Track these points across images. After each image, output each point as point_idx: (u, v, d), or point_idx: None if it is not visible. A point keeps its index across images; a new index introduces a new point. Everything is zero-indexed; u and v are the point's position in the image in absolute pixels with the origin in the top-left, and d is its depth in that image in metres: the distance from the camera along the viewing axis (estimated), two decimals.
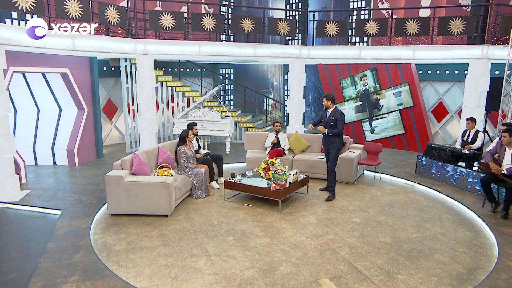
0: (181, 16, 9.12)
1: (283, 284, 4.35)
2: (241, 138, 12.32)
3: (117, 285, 4.21)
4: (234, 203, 6.94)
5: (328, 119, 7.03)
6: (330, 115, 7.02)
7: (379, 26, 9.54)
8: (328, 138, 7.08)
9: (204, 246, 5.24)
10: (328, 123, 7.01)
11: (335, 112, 7.01)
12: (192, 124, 7.91)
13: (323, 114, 7.20)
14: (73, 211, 6.33)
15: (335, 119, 6.95)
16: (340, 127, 6.94)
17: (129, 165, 6.50)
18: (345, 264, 4.81)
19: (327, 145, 7.15)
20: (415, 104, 10.94)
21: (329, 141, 7.10)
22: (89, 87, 9.52)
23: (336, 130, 6.96)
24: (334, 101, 7.13)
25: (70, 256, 4.83)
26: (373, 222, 6.20)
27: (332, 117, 6.99)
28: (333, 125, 6.96)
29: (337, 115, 6.96)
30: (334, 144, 7.08)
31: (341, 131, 6.97)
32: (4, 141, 6.66)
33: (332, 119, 6.98)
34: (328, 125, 7.00)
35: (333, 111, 7.03)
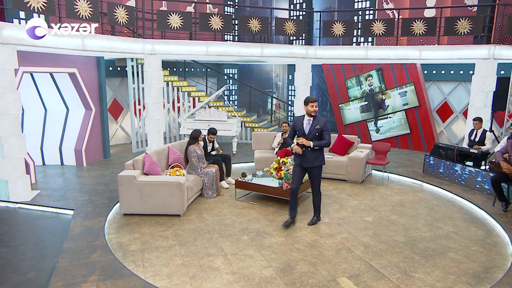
0: (188, 16, 9.13)
1: (302, 282, 4.37)
2: (247, 138, 12.33)
3: (137, 284, 4.22)
4: (246, 203, 6.96)
5: (312, 129, 5.66)
6: (313, 124, 5.68)
7: (386, 26, 9.58)
8: (311, 153, 5.68)
9: (220, 246, 5.25)
10: (312, 134, 5.66)
11: (320, 120, 5.71)
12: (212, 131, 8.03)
13: (297, 124, 5.82)
14: (86, 211, 6.33)
15: (320, 128, 5.65)
16: (328, 137, 5.71)
17: (141, 165, 6.50)
18: (361, 263, 4.84)
19: (309, 162, 5.72)
20: (420, 104, 10.98)
21: (311, 157, 5.70)
22: (96, 87, 9.51)
23: (324, 142, 5.67)
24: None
25: (87, 256, 4.84)
26: (385, 221, 6.23)
27: (317, 125, 5.65)
28: (318, 136, 5.67)
29: (323, 123, 5.68)
30: (318, 160, 5.75)
31: (329, 141, 5.74)
32: (15, 141, 6.65)
33: (317, 129, 5.64)
34: (312, 136, 5.67)
35: (316, 118, 5.71)
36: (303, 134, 5.71)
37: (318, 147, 5.65)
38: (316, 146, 5.62)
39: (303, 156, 5.70)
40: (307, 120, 5.73)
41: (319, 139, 5.68)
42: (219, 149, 8.38)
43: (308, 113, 5.67)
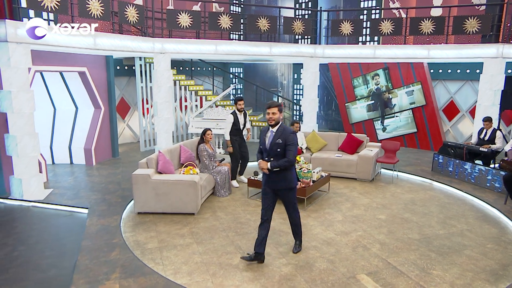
0: (198, 15, 9.15)
1: (322, 279, 4.40)
2: (254, 136, 12.34)
3: (159, 282, 4.25)
4: (258, 201, 6.98)
5: (273, 144, 4.53)
6: (275, 137, 4.54)
7: (394, 26, 9.61)
8: (275, 174, 4.57)
9: (237, 244, 5.28)
10: (273, 150, 4.54)
11: (284, 132, 4.53)
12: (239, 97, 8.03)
13: (262, 136, 4.76)
14: (100, 210, 6.35)
15: (283, 142, 4.49)
16: (292, 155, 4.50)
17: (154, 163, 6.52)
18: (379, 260, 4.87)
19: (274, 183, 4.64)
20: (427, 103, 11.02)
21: (276, 177, 4.60)
22: (105, 86, 9.53)
23: (283, 162, 4.48)
24: (282, 111, 4.66)
25: (106, 254, 4.86)
26: (398, 219, 6.27)
27: (278, 139, 4.51)
28: (280, 152, 4.52)
29: (287, 136, 4.51)
30: (285, 181, 4.62)
31: (292, 160, 4.52)
32: (29, 140, 6.67)
33: (278, 143, 4.50)
34: (273, 153, 4.55)
35: (279, 130, 4.56)
36: (265, 149, 4.67)
37: (277, 168, 4.50)
38: (274, 168, 4.49)
39: (268, 175, 4.63)
40: (270, 132, 4.64)
41: (283, 156, 4.54)
42: (249, 130, 8.38)
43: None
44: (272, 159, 4.55)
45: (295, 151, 4.56)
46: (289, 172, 4.64)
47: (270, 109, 4.54)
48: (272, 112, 4.53)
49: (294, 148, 4.56)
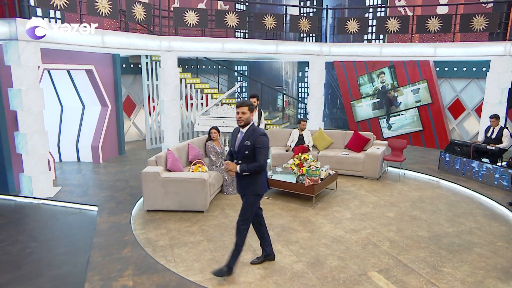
0: (205, 13, 9.15)
1: (333, 277, 4.43)
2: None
3: (172, 279, 4.28)
4: (267, 199, 7.00)
5: (241, 146, 4.25)
6: (243, 138, 4.25)
7: (400, 24, 9.60)
8: (245, 178, 4.28)
9: (247, 241, 5.26)
10: (241, 152, 4.25)
11: (254, 133, 4.22)
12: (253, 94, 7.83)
13: (232, 137, 4.50)
14: (110, 207, 6.38)
15: (251, 144, 4.17)
16: (262, 158, 4.16)
17: (163, 161, 6.55)
18: (389, 258, 4.89)
19: (241, 187, 4.39)
20: (433, 101, 11.01)
21: (243, 182, 4.32)
22: (112, 84, 9.55)
23: (253, 166, 4.16)
24: (252, 111, 4.30)
25: (119, 251, 4.89)
26: (406, 216, 6.28)
27: (247, 141, 4.20)
28: (249, 155, 4.21)
29: (255, 138, 4.17)
30: (251, 187, 4.29)
31: (263, 164, 4.18)
32: (38, 138, 6.70)
33: (246, 145, 4.19)
34: (241, 155, 4.25)
35: (248, 131, 4.25)
36: (234, 151, 4.39)
37: (245, 173, 4.19)
38: (244, 172, 4.17)
39: (238, 180, 4.39)
40: (240, 133, 4.34)
41: (251, 159, 4.21)
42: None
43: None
44: (240, 162, 4.23)
45: (265, 154, 4.21)
46: (260, 177, 4.27)
47: (240, 108, 4.21)
48: (241, 112, 4.21)
49: (265, 151, 4.18)
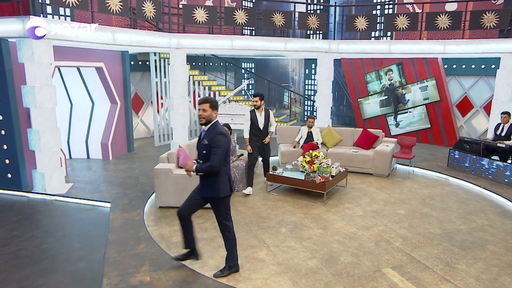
0: (214, 10, 9.16)
1: (348, 273, 4.45)
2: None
3: (189, 275, 4.32)
4: (277, 196, 7.03)
5: (200, 145, 4.14)
6: (203, 137, 4.10)
7: (410, 21, 9.57)
8: (202, 179, 4.17)
9: (260, 237, 5.34)
10: (200, 151, 4.13)
11: (211, 132, 4.04)
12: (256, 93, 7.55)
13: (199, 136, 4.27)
14: (122, 204, 6.42)
15: (208, 143, 3.99)
16: (217, 159, 3.93)
17: (175, 158, 6.58)
18: (402, 254, 4.91)
19: (202, 189, 4.23)
20: (441, 99, 10.99)
21: (203, 183, 4.19)
22: (121, 81, 9.59)
23: (207, 166, 3.97)
24: (217, 109, 4.14)
25: (134, 247, 4.93)
26: (417, 213, 6.29)
27: (204, 139, 4.05)
28: (206, 155, 4.02)
29: (212, 137, 3.99)
30: (211, 189, 4.10)
31: (215, 166, 3.95)
32: (51, 135, 6.75)
33: (204, 144, 4.04)
34: (200, 155, 4.13)
35: (209, 129, 4.08)
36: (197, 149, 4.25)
37: (199, 173, 4.03)
38: (198, 172, 4.02)
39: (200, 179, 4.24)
40: (202, 132, 4.18)
41: (206, 160, 4.01)
42: (271, 133, 7.35)
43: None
44: (200, 161, 4.08)
45: (220, 155, 3.93)
46: (217, 179, 4.05)
47: (201, 105, 4.02)
48: (202, 109, 4.02)
49: (220, 152, 3.92)
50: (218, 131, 4.00)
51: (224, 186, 4.12)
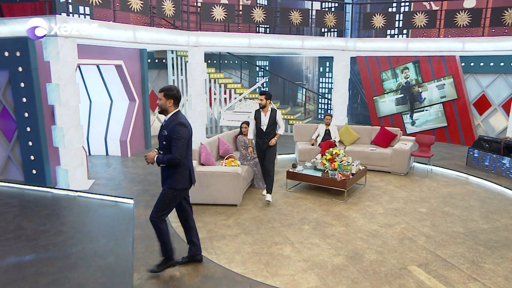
0: (232, 8, 9.20)
1: (374, 270, 4.47)
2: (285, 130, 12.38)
3: (217, 271, 4.38)
4: (297, 193, 7.07)
5: (159, 135, 4.05)
6: (163, 127, 4.00)
7: (428, 18, 9.52)
8: (163, 170, 4.08)
9: (284, 234, 5.38)
10: (161, 142, 4.04)
11: (171, 122, 3.92)
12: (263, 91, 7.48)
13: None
14: (145, 200, 6.51)
15: (168, 134, 3.89)
16: (176, 151, 3.84)
17: (197, 155, 6.64)
18: (427, 252, 4.91)
19: (162, 180, 4.16)
20: (459, 97, 10.91)
21: (163, 175, 4.10)
22: (139, 78, 9.68)
23: (167, 158, 3.89)
24: (175, 99, 3.96)
25: None
26: (439, 212, 6.28)
27: (164, 130, 3.96)
28: (166, 146, 3.95)
29: (172, 127, 3.88)
30: (169, 180, 4.02)
31: (177, 158, 3.84)
32: (75, 131, 6.86)
33: (163, 135, 3.96)
34: (161, 146, 4.04)
35: (169, 119, 3.98)
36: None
37: (161, 164, 3.97)
38: (158, 163, 3.95)
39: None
40: (164, 122, 4.08)
41: (168, 152, 3.94)
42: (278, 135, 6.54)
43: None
44: (161, 152, 4.02)
45: (181, 147, 3.83)
46: (178, 171, 3.95)
47: (160, 93, 3.96)
48: (159, 98, 3.98)
49: (181, 143, 3.82)
50: (178, 121, 3.88)
51: (183, 178, 4.03)
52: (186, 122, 3.96)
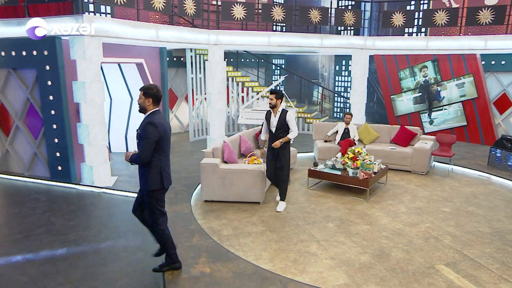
0: (252, 7, 9.23)
1: (402, 268, 4.48)
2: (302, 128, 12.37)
3: (247, 267, 4.42)
4: (319, 191, 7.09)
5: (136, 134, 4.05)
6: (139, 126, 4.01)
7: (449, 16, 9.43)
8: (138, 169, 4.07)
9: (309, 232, 5.40)
10: (136, 141, 4.04)
11: (144, 121, 3.95)
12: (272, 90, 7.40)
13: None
14: (169, 197, 6.42)
15: (140, 133, 3.93)
16: (144, 151, 3.82)
17: (220, 153, 6.70)
18: (454, 252, 4.89)
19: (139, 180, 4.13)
20: (479, 96, 10.79)
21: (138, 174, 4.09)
22: (159, 76, 9.77)
23: (136, 156, 3.90)
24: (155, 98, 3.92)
25: (188, 239, 5.07)
26: (463, 212, 6.24)
27: (138, 129, 4.00)
28: (138, 144, 3.96)
29: (142, 126, 3.91)
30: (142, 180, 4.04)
31: (143, 157, 3.83)
32: (99, 129, 6.97)
33: (138, 133, 3.97)
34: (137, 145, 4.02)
35: (145, 118, 3.97)
36: None
37: (133, 163, 3.96)
38: (131, 162, 3.96)
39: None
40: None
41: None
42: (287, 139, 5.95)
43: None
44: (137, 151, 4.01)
45: (147, 146, 3.79)
46: (147, 171, 3.92)
47: (139, 92, 3.97)
48: (139, 96, 3.98)
49: (148, 143, 3.78)
50: (148, 120, 3.84)
51: (154, 178, 3.94)
52: (159, 122, 3.86)
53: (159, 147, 3.88)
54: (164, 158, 4.00)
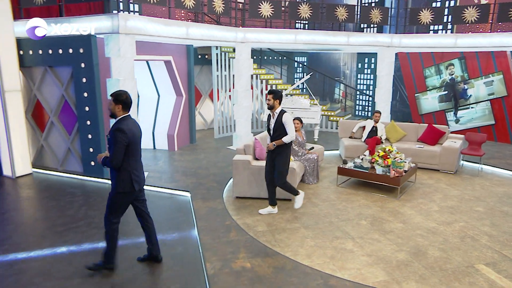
0: (278, 5, 9.26)
1: (440, 267, 4.47)
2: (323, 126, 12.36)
3: (286, 263, 4.48)
4: (348, 189, 7.09)
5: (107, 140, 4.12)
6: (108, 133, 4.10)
7: (480, 13, 9.29)
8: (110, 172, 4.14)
9: (343, 229, 5.43)
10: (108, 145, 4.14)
11: (113, 126, 3.97)
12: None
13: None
14: (201, 193, 6.68)
15: (109, 139, 3.97)
16: (113, 155, 3.89)
17: (251, 150, 6.77)
18: (492, 252, 4.86)
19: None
20: (509, 94, 10.60)
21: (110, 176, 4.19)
22: (186, 74, 9.89)
23: (109, 159, 3.96)
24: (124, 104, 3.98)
25: (225, 234, 5.15)
26: (497, 211, 6.18)
27: (108, 134, 4.07)
28: (109, 148, 4.06)
29: (111, 132, 3.94)
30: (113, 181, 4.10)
31: (113, 162, 3.91)
32: None
33: (108, 138, 4.04)
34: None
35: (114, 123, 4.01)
36: None
37: (104, 165, 4.07)
38: (103, 164, 4.07)
39: None
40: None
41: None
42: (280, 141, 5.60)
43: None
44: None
45: (117, 151, 3.86)
46: (118, 174, 4.02)
47: (110, 98, 4.03)
48: (109, 102, 4.03)
49: (117, 148, 3.85)
50: (117, 127, 3.92)
51: (123, 182, 4.05)
52: (128, 128, 3.95)
53: (128, 152, 3.98)
54: (133, 162, 4.09)
